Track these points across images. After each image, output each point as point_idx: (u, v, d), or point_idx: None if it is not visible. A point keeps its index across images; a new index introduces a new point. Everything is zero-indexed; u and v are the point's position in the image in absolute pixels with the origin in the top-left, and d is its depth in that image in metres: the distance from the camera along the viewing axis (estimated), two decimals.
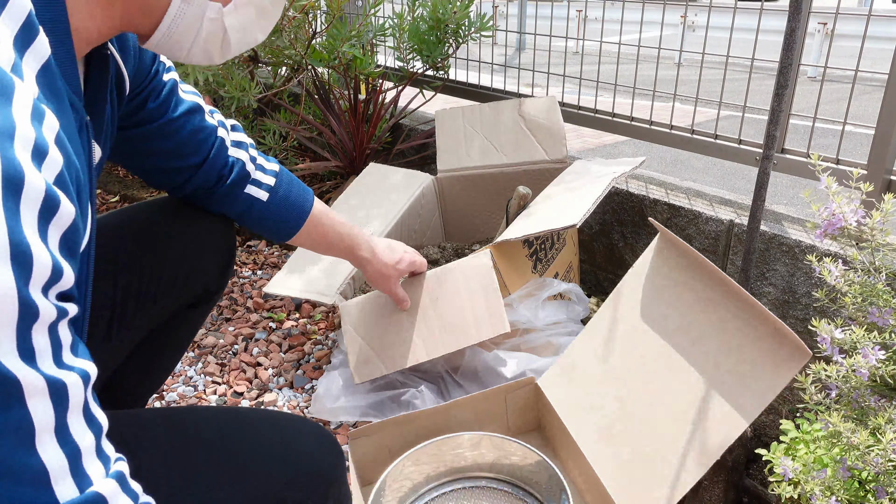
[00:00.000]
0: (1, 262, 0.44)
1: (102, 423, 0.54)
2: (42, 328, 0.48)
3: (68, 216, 0.51)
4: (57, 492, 0.48)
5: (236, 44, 0.74)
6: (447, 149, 1.89)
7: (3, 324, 0.45)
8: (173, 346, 1.17)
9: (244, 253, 2.32)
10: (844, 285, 0.97)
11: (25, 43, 0.53)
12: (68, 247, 0.52)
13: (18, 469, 0.47)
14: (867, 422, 0.90)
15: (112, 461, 0.55)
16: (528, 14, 4.04)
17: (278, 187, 1.09)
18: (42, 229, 0.48)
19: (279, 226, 1.11)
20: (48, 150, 0.49)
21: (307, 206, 1.13)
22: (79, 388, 0.51)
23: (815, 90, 1.60)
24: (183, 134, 0.96)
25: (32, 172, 0.47)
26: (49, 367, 0.48)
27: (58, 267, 0.49)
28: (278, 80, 2.42)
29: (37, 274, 0.47)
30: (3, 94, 0.48)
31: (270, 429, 0.84)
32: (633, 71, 1.93)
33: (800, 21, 1.07)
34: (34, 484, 0.48)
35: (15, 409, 0.46)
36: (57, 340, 0.50)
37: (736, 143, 1.73)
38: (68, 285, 0.51)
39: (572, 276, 1.76)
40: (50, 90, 0.55)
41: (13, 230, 0.45)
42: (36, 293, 0.47)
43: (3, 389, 0.45)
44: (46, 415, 0.48)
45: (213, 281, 1.11)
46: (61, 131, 0.52)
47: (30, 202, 0.47)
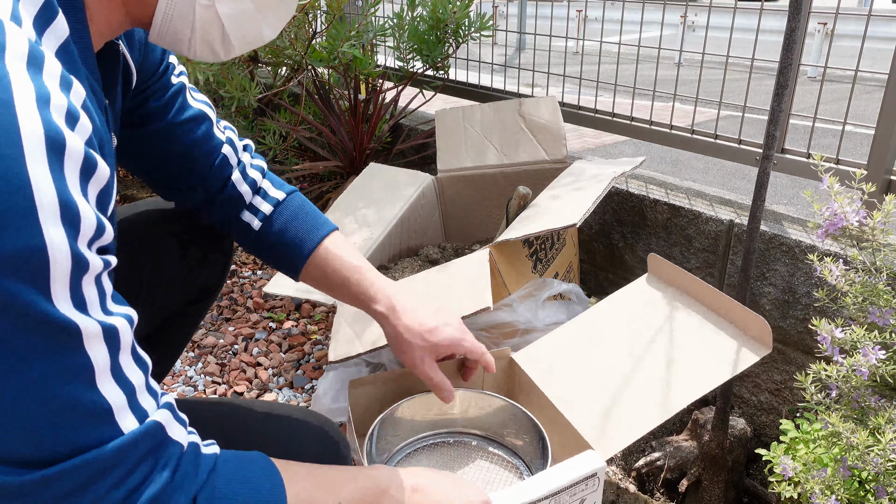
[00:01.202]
0: (53, 221, 0.48)
1: (147, 362, 0.60)
2: (90, 279, 0.52)
3: (104, 175, 0.55)
4: (121, 424, 0.54)
5: (237, 39, 0.73)
6: (447, 149, 1.89)
7: (58, 278, 0.49)
8: (171, 344, 1.17)
9: (244, 253, 2.32)
10: (845, 285, 0.97)
11: (45, 22, 0.55)
12: (103, 204, 0.56)
13: (86, 405, 0.52)
14: (867, 422, 0.90)
15: (160, 395, 0.60)
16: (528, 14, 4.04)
17: (276, 216, 0.99)
18: (83, 188, 0.52)
19: (280, 258, 1.00)
20: (79, 116, 0.52)
21: (311, 240, 0.99)
22: (127, 331, 0.56)
23: (815, 90, 1.60)
24: (185, 141, 0.93)
25: (71, 135, 0.50)
26: (99, 314, 0.53)
27: (101, 223, 0.53)
28: (278, 80, 2.42)
29: (84, 230, 0.51)
30: (35, 64, 0.50)
31: (276, 422, 0.85)
32: (633, 71, 1.93)
33: (800, 21, 1.07)
34: (100, 418, 0.53)
35: (77, 353, 0.51)
36: (102, 290, 0.54)
37: (736, 143, 1.73)
38: (109, 240, 0.55)
39: (572, 276, 1.76)
40: (70, 66, 0.56)
41: (61, 190, 0.49)
42: (83, 247, 0.51)
43: (66, 336, 0.50)
44: (103, 357, 0.53)
45: (212, 280, 1.11)
46: (87, 100, 0.55)
47: (72, 163, 0.50)
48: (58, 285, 0.49)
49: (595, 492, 0.93)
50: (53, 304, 0.49)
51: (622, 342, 1.16)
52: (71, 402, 0.51)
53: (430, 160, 2.21)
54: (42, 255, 0.47)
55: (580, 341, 1.21)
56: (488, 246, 1.41)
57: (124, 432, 0.54)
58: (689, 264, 1.67)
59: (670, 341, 1.12)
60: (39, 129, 0.48)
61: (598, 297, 1.89)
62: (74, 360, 0.51)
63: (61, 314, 0.49)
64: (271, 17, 0.74)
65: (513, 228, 1.45)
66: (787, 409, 1.48)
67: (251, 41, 0.75)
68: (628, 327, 1.18)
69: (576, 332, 1.23)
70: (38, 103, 0.49)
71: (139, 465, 0.55)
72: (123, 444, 0.54)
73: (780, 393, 1.50)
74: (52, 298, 0.49)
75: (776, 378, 1.51)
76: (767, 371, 1.52)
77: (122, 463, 0.54)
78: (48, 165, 0.48)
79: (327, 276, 0.99)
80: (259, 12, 0.72)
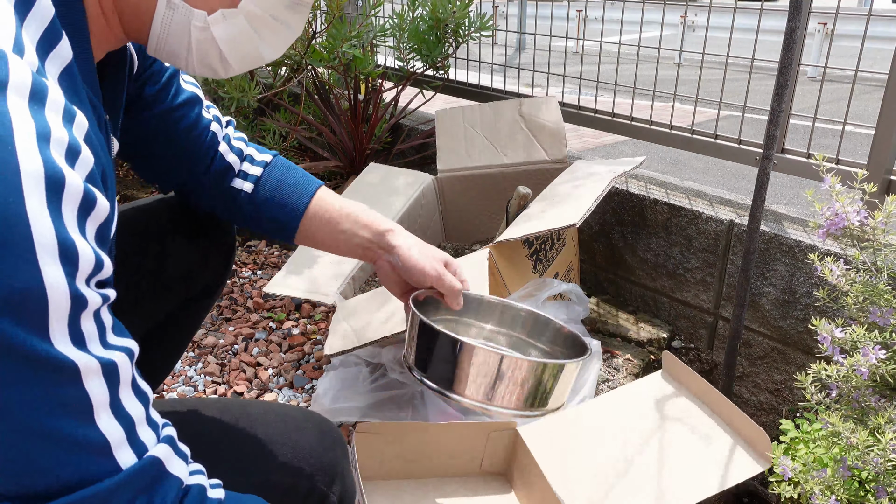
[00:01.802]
0: (51, 260, 0.48)
1: (148, 394, 0.59)
2: (89, 315, 0.52)
3: (104, 211, 0.55)
4: (119, 460, 0.54)
5: (235, 60, 0.72)
6: (447, 149, 1.89)
7: (57, 317, 0.49)
8: (172, 344, 1.17)
9: (244, 253, 2.32)
10: (846, 285, 0.97)
11: (48, 47, 0.55)
12: (103, 237, 0.56)
13: (82, 441, 0.52)
14: (867, 422, 0.90)
15: (160, 427, 0.60)
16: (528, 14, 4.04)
17: (268, 177, 0.99)
18: (81, 225, 0.52)
19: (276, 216, 0.98)
20: (80, 150, 0.53)
21: (306, 193, 0.99)
22: (126, 365, 0.56)
23: (815, 90, 1.60)
24: (182, 125, 0.93)
25: (70, 173, 0.50)
26: (98, 350, 0.53)
27: (99, 259, 0.53)
28: (278, 80, 2.42)
29: (82, 268, 0.51)
30: (38, 99, 0.51)
31: (274, 422, 0.85)
32: (633, 71, 1.93)
33: (800, 21, 1.07)
34: (97, 454, 0.53)
35: (74, 389, 0.51)
36: (101, 324, 0.54)
37: (736, 143, 1.73)
38: (107, 274, 0.55)
39: (572, 276, 1.76)
40: (72, 92, 0.57)
41: (59, 230, 0.49)
42: (82, 285, 0.51)
43: (63, 374, 0.50)
44: (102, 392, 0.53)
45: (212, 279, 1.11)
46: (90, 130, 0.55)
47: (70, 201, 0.50)
48: (56, 324, 0.49)
49: None
50: (51, 342, 0.49)
51: (625, 439, 1.18)
52: (68, 438, 0.51)
53: (430, 160, 2.21)
54: (40, 294, 0.48)
55: (587, 428, 1.23)
56: (488, 246, 1.41)
57: (122, 468, 0.54)
58: (689, 264, 1.67)
59: (672, 445, 1.14)
60: (39, 168, 0.48)
61: (599, 297, 1.89)
62: (72, 397, 0.51)
63: (58, 352, 0.49)
64: (271, 38, 0.72)
65: (513, 228, 1.45)
66: (787, 409, 1.48)
67: (251, 62, 0.74)
68: (634, 424, 1.20)
69: (584, 417, 1.25)
70: (38, 141, 0.49)
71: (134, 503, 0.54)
72: (119, 480, 0.53)
73: (780, 393, 1.50)
74: (50, 337, 0.49)
75: (776, 378, 1.51)
76: (767, 371, 1.52)
77: (116, 499, 0.53)
78: (47, 205, 0.48)
79: (331, 218, 0.98)
80: (257, 34, 0.71)
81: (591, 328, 1.78)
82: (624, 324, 1.77)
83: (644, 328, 1.74)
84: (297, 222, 0.98)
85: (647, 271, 1.78)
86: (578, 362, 0.88)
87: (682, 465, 1.10)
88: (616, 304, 1.86)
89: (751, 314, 1.53)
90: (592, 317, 1.81)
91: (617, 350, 1.66)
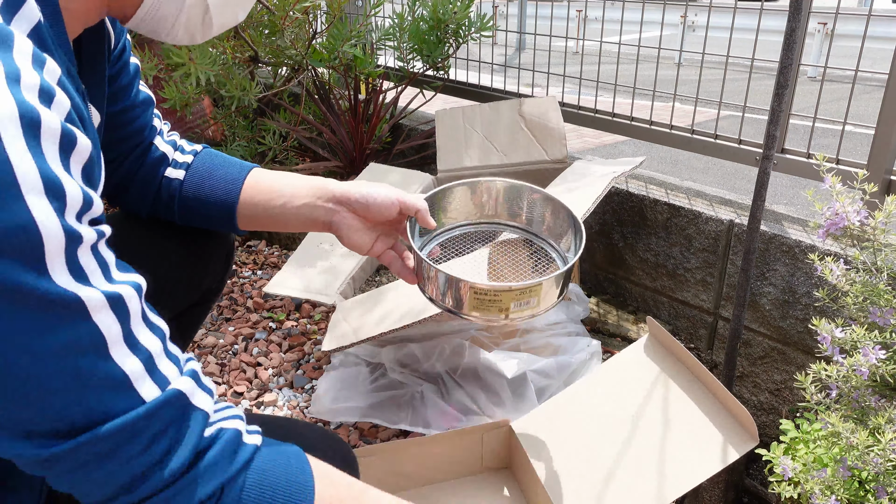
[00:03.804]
0: (38, 196, 0.47)
1: (164, 329, 0.59)
2: (86, 250, 0.52)
3: (86, 149, 0.54)
4: (140, 392, 0.53)
5: (218, 23, 0.73)
6: (447, 149, 1.89)
7: (53, 252, 0.48)
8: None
9: (244, 253, 2.32)
10: (846, 285, 0.97)
11: (13, 9, 0.54)
12: (90, 178, 0.55)
13: (102, 377, 0.51)
14: (867, 422, 0.90)
15: (182, 361, 0.59)
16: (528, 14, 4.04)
17: (199, 163, 0.97)
18: (65, 162, 0.51)
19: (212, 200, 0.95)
20: (55, 93, 0.52)
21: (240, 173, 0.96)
22: (135, 298, 0.55)
23: (815, 90, 1.61)
24: (136, 125, 0.92)
25: (45, 111, 0.49)
26: (102, 284, 0.52)
27: (87, 196, 0.52)
28: (278, 80, 2.42)
29: (70, 203, 0.50)
30: (3, 43, 0.50)
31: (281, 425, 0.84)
32: (633, 71, 1.93)
33: (800, 21, 1.07)
34: (119, 388, 0.52)
35: (84, 325, 0.50)
36: (102, 260, 0.54)
37: (736, 143, 1.73)
38: (98, 212, 0.54)
39: (572, 276, 1.76)
40: (42, 47, 0.55)
41: (42, 167, 0.48)
42: (73, 220, 0.50)
43: (69, 309, 0.49)
44: (113, 326, 0.52)
45: (213, 283, 1.11)
46: (62, 77, 0.54)
47: (49, 138, 0.49)
48: (54, 260, 0.48)
49: None
50: (52, 279, 0.48)
51: (617, 418, 1.18)
52: (85, 373, 0.51)
53: (430, 160, 2.21)
54: (32, 231, 0.47)
55: (578, 414, 1.23)
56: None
57: (146, 400, 0.53)
58: (690, 264, 1.67)
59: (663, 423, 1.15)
60: (13, 107, 0.47)
61: (599, 297, 1.89)
62: (83, 332, 0.50)
63: (61, 288, 0.49)
64: None
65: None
66: (787, 409, 1.48)
67: (226, 23, 0.75)
68: (624, 402, 1.20)
69: (575, 403, 1.25)
70: (8, 82, 0.48)
71: (161, 436, 0.54)
72: (144, 412, 0.53)
73: (780, 393, 1.50)
74: (50, 273, 0.48)
75: (776, 378, 1.51)
76: (767, 371, 1.52)
77: (141, 433, 0.53)
78: (25, 142, 0.47)
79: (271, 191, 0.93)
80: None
81: (591, 328, 1.78)
82: (624, 324, 1.77)
83: (644, 328, 1.74)
84: (234, 200, 0.94)
85: (647, 271, 1.78)
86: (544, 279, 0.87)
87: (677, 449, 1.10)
88: (616, 304, 1.86)
89: (751, 314, 1.54)
90: (592, 317, 1.81)
91: (617, 350, 1.66)
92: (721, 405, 1.11)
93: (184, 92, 1.90)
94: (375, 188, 0.92)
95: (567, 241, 1.00)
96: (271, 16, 2.05)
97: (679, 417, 1.14)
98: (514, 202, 1.05)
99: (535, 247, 1.05)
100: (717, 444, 1.07)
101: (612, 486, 1.08)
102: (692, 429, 1.11)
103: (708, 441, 1.08)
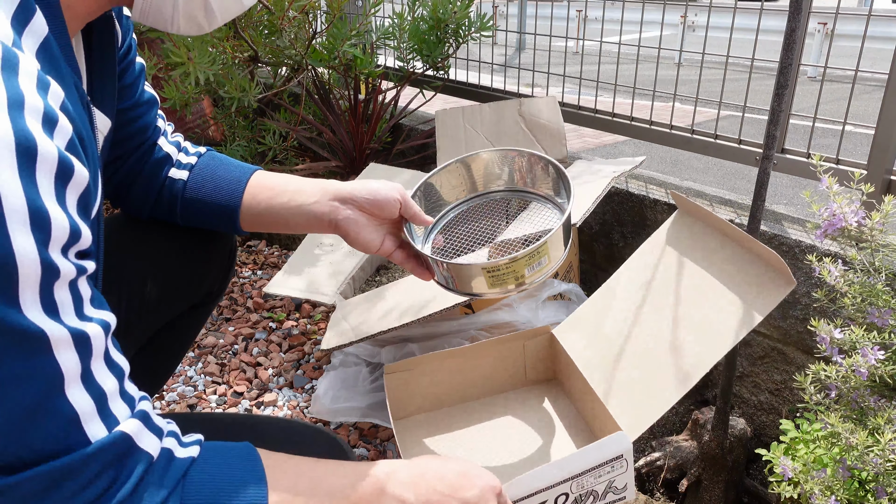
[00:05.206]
0: (21, 228, 0.47)
1: (124, 368, 0.59)
2: (63, 285, 0.52)
3: (83, 179, 0.54)
4: (88, 432, 0.53)
5: (220, 10, 0.72)
6: (447, 149, 1.89)
7: (27, 285, 0.48)
8: (174, 348, 1.17)
9: (244, 253, 2.32)
10: (844, 285, 0.97)
11: (23, 22, 0.54)
12: (85, 208, 0.55)
13: (52, 412, 0.51)
14: (866, 422, 0.90)
15: (137, 401, 0.59)
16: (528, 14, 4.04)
17: (202, 165, 0.97)
18: (59, 194, 0.51)
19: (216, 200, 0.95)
20: (58, 119, 0.52)
21: (244, 175, 0.95)
22: (100, 337, 0.55)
23: (815, 90, 1.60)
24: (139, 123, 0.92)
25: (44, 140, 0.49)
26: (72, 320, 0.52)
27: (75, 228, 0.52)
28: (278, 80, 2.42)
29: (55, 236, 0.50)
30: (9, 67, 0.50)
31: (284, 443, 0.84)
32: (633, 71, 1.93)
33: (800, 21, 1.07)
34: (67, 425, 0.52)
35: (44, 359, 0.50)
36: (78, 295, 0.54)
37: (736, 143, 1.73)
38: (87, 244, 0.54)
39: (572, 276, 1.76)
40: (50, 65, 0.56)
41: (31, 197, 0.48)
42: (55, 254, 0.50)
43: (32, 342, 0.49)
44: (73, 363, 0.52)
45: (214, 285, 1.11)
46: (66, 100, 0.54)
47: (45, 169, 0.49)
48: (26, 293, 0.48)
49: (624, 473, 0.93)
50: (21, 310, 0.48)
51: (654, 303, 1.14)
52: (36, 408, 0.50)
53: (430, 160, 2.21)
54: (10, 262, 0.47)
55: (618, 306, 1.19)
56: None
57: (91, 441, 0.53)
58: None
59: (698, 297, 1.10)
60: (10, 135, 0.47)
61: None
62: (41, 367, 0.50)
63: (28, 321, 0.49)
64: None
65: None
66: (787, 409, 1.48)
67: (231, 9, 0.73)
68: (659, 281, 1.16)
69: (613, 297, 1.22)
70: (10, 108, 0.48)
71: (99, 477, 0.54)
72: (85, 454, 0.53)
73: (780, 393, 1.50)
74: (21, 305, 0.48)
75: (776, 378, 1.51)
76: (767, 371, 1.52)
77: (81, 473, 0.53)
78: (18, 172, 0.47)
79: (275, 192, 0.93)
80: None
81: None
82: None
83: None
84: (237, 200, 0.94)
85: None
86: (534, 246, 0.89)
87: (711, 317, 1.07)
88: None
89: None
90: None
91: None
92: (756, 257, 1.07)
93: (183, 92, 1.90)
94: (379, 184, 0.93)
95: (559, 191, 1.02)
96: (271, 16, 2.05)
97: (712, 284, 1.09)
98: (499, 169, 1.07)
99: (531, 205, 1.07)
100: (759, 296, 1.03)
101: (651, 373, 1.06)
102: (726, 290, 1.07)
103: (744, 295, 1.05)
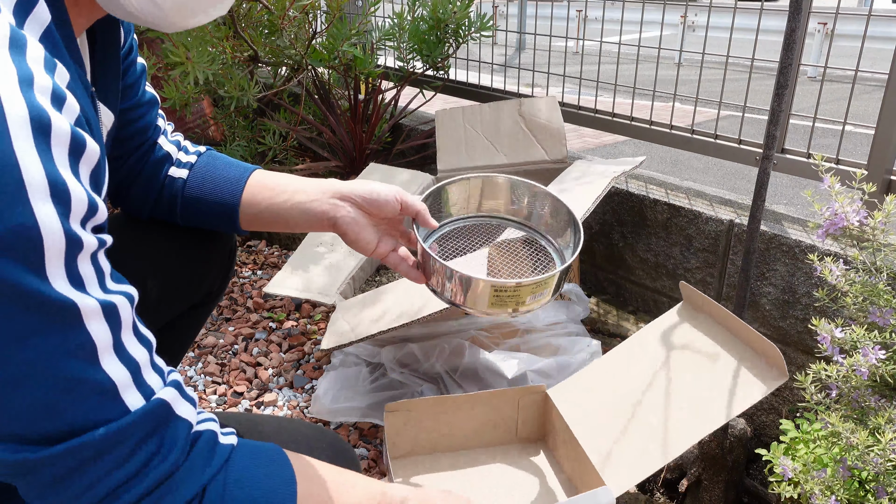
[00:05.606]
0: (43, 199, 0.48)
1: (151, 340, 0.60)
2: (86, 258, 0.52)
3: (94, 154, 0.54)
4: (126, 402, 0.54)
5: None
6: (447, 149, 1.89)
7: (53, 256, 0.49)
8: (174, 348, 1.17)
9: (244, 253, 2.32)
10: (845, 285, 0.97)
11: (26, 10, 0.55)
12: (97, 183, 0.56)
13: (90, 383, 0.52)
14: (867, 422, 0.90)
15: (166, 372, 0.60)
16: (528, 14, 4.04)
17: (202, 163, 0.97)
18: (74, 167, 0.51)
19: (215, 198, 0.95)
20: (65, 97, 0.52)
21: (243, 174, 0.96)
22: (127, 308, 0.56)
23: (815, 90, 1.60)
24: (140, 123, 0.93)
25: (56, 115, 0.50)
26: (98, 292, 0.53)
27: (93, 202, 0.52)
28: (278, 80, 2.42)
29: (75, 209, 0.50)
30: (17, 47, 0.50)
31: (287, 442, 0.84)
32: (633, 71, 1.93)
33: (800, 21, 1.07)
34: (104, 396, 0.53)
35: (77, 331, 0.51)
36: (99, 268, 0.54)
37: (736, 143, 1.73)
38: (102, 219, 0.55)
39: (572, 276, 1.76)
40: (54, 52, 0.56)
41: (49, 170, 0.48)
42: (76, 226, 0.51)
43: (64, 314, 0.50)
44: (104, 334, 0.53)
45: (214, 285, 1.11)
46: (72, 81, 0.55)
47: (59, 142, 0.50)
48: (53, 264, 0.49)
49: None
50: (49, 282, 0.49)
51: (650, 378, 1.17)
52: (74, 380, 0.51)
53: (430, 160, 2.21)
54: (34, 233, 0.47)
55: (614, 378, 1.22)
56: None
57: (130, 410, 0.54)
58: (689, 264, 1.67)
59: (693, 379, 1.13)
60: (24, 110, 0.48)
61: (599, 297, 1.89)
62: (75, 338, 0.51)
63: (58, 293, 0.49)
64: None
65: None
66: (787, 409, 1.48)
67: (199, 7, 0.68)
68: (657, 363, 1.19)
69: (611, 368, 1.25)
70: (21, 85, 0.48)
71: (143, 446, 0.55)
72: (129, 421, 0.54)
73: (780, 393, 1.50)
74: (48, 277, 0.49)
75: None
76: None
77: (124, 442, 0.53)
78: (35, 146, 0.48)
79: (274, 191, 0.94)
80: None
81: (591, 328, 1.78)
82: (624, 324, 1.77)
83: None
84: (237, 199, 0.94)
85: (647, 271, 1.78)
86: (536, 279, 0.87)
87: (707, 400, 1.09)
88: (616, 304, 1.86)
89: (751, 314, 1.53)
90: (592, 317, 1.81)
91: None
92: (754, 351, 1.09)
93: (183, 91, 1.90)
94: (377, 184, 0.94)
95: (566, 239, 1.00)
96: (271, 15, 2.05)
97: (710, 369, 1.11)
98: (513, 198, 1.06)
99: (534, 245, 1.05)
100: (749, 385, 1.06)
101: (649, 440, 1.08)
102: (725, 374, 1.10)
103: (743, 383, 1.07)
